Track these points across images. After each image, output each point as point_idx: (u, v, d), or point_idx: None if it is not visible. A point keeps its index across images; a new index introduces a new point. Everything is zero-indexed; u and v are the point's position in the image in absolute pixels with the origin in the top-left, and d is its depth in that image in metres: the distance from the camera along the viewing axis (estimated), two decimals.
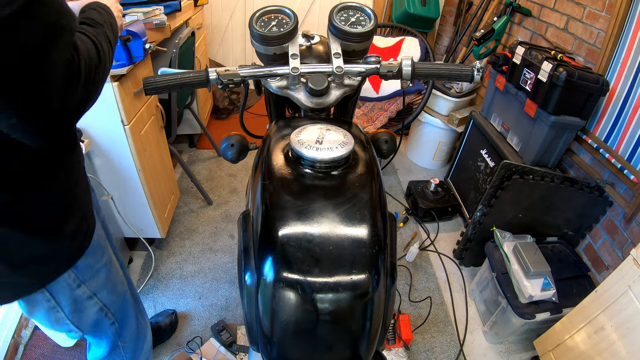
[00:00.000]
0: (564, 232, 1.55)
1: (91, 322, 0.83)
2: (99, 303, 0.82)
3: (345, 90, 0.81)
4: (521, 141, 1.67)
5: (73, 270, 0.72)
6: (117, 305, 0.89)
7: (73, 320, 0.78)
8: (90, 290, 0.78)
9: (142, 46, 1.25)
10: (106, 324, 0.87)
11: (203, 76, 0.75)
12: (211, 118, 2.92)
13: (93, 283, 0.78)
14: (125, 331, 0.96)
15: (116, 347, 0.96)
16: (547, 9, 1.83)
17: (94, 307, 0.81)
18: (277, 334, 0.56)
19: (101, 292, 0.81)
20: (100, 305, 0.83)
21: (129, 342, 0.98)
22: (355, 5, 0.84)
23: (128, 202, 1.51)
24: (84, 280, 0.75)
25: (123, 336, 0.96)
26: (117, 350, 0.97)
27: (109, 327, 0.89)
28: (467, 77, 0.79)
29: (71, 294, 0.74)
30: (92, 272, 0.77)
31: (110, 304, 0.86)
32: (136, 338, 1.01)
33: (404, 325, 1.41)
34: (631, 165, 1.31)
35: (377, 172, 0.66)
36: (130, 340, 0.99)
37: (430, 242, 1.94)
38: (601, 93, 1.39)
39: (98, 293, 0.80)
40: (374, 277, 0.54)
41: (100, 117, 1.26)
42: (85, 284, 0.76)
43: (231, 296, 1.59)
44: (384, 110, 2.23)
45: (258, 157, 0.73)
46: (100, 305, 0.83)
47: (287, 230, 0.55)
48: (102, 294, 0.82)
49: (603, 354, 1.02)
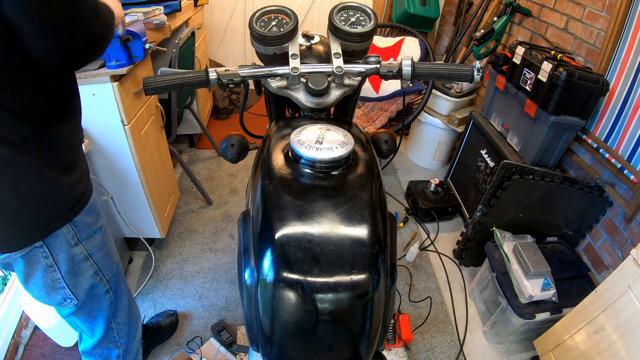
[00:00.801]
0: (564, 232, 1.55)
1: (87, 286, 0.84)
2: (94, 266, 0.84)
3: (345, 90, 0.81)
4: (521, 141, 1.67)
5: (71, 226, 0.75)
6: (112, 273, 0.90)
7: (69, 283, 0.80)
8: (86, 251, 0.80)
9: (142, 46, 1.26)
10: (101, 290, 0.88)
11: (203, 76, 0.75)
12: (211, 118, 2.92)
13: (89, 243, 0.81)
14: (119, 310, 0.96)
15: (110, 330, 0.95)
16: (547, 9, 1.83)
17: (89, 270, 0.83)
18: (277, 334, 0.56)
19: (96, 255, 0.83)
20: (96, 269, 0.84)
21: (122, 324, 0.98)
22: (355, 5, 0.84)
23: (128, 202, 1.51)
24: (81, 239, 0.78)
25: (117, 316, 0.96)
26: (112, 334, 0.97)
27: (104, 295, 0.89)
28: (467, 77, 0.79)
29: (68, 251, 0.76)
30: (89, 233, 0.80)
31: (105, 268, 0.87)
32: (129, 321, 1.01)
33: (404, 325, 1.41)
34: (631, 165, 1.31)
35: (377, 172, 0.66)
36: (123, 322, 0.99)
37: (430, 242, 1.94)
38: (601, 93, 1.39)
39: (93, 255, 0.82)
40: (374, 277, 0.54)
41: (100, 117, 1.26)
42: (82, 243, 0.79)
43: (231, 296, 1.59)
44: (384, 110, 2.23)
45: (258, 157, 0.73)
46: (96, 268, 0.84)
47: (287, 230, 0.55)
48: (97, 256, 0.83)
49: (603, 354, 1.02)
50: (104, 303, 0.91)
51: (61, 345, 1.35)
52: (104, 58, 1.19)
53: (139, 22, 1.33)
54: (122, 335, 1.00)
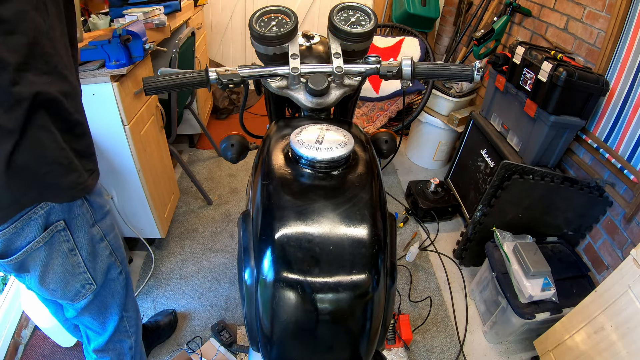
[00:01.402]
0: (564, 232, 1.55)
1: (104, 268, 0.86)
2: (109, 247, 0.86)
3: (345, 90, 0.81)
4: (521, 141, 1.67)
5: (89, 206, 0.77)
6: (122, 254, 0.93)
7: (89, 267, 0.82)
8: (102, 232, 0.83)
9: (142, 46, 1.26)
10: (115, 272, 0.90)
11: (203, 76, 0.75)
12: (211, 118, 2.92)
13: (103, 224, 0.84)
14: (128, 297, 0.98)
15: (122, 320, 0.97)
16: (547, 9, 1.83)
17: (105, 251, 0.85)
18: (277, 334, 0.56)
19: (110, 235, 0.86)
20: (110, 250, 0.87)
21: (131, 310, 1.00)
22: (355, 5, 0.84)
23: (128, 202, 1.51)
24: (97, 220, 0.81)
25: (126, 303, 0.97)
26: (123, 324, 0.98)
27: (118, 276, 0.91)
28: (467, 77, 0.79)
29: (88, 231, 0.79)
30: (102, 214, 0.83)
31: (117, 249, 0.90)
32: (135, 309, 1.03)
33: (404, 325, 1.41)
34: (631, 165, 1.31)
35: (377, 172, 0.66)
36: (132, 309, 1.00)
37: (430, 242, 1.94)
38: (601, 93, 1.39)
39: (107, 235, 0.85)
40: (374, 277, 0.54)
41: (100, 117, 1.26)
42: (98, 223, 0.82)
43: (231, 296, 1.59)
44: (384, 110, 2.23)
45: (258, 157, 0.73)
46: (110, 249, 0.87)
47: (287, 230, 0.55)
48: (110, 236, 0.86)
49: (603, 354, 1.02)
50: (118, 285, 0.92)
51: (61, 345, 1.35)
52: (104, 58, 1.19)
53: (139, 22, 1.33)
54: (132, 324, 1.01)
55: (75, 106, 0.70)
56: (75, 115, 0.69)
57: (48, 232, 0.71)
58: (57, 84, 0.64)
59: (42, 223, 0.70)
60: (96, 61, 1.21)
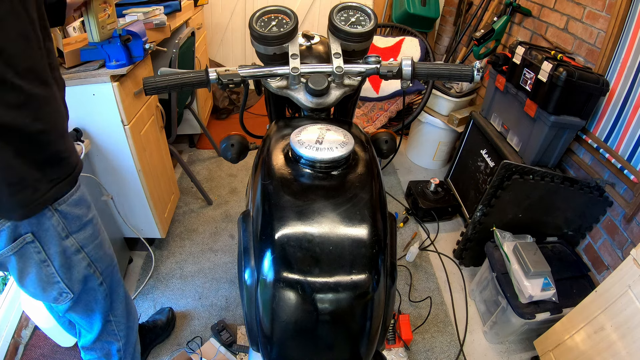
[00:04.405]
0: (564, 232, 1.55)
1: (81, 279, 0.84)
2: (87, 258, 0.83)
3: (345, 90, 0.81)
4: (521, 141, 1.67)
5: (61, 218, 0.74)
6: (105, 265, 0.90)
7: (63, 277, 0.79)
8: (78, 243, 0.80)
9: (142, 46, 1.26)
10: (95, 282, 0.87)
11: (203, 76, 0.75)
12: (211, 118, 2.92)
13: (80, 235, 0.80)
14: (116, 303, 0.96)
15: (109, 322, 0.96)
16: (547, 9, 1.83)
17: (82, 262, 0.83)
18: (277, 334, 0.56)
19: (88, 247, 0.83)
20: (88, 261, 0.84)
21: (120, 316, 0.99)
22: (355, 5, 0.84)
23: (128, 202, 1.51)
24: (71, 231, 0.78)
25: (114, 309, 0.96)
26: (110, 327, 0.97)
27: (98, 287, 0.89)
28: (467, 77, 0.79)
29: (60, 244, 0.76)
30: (80, 225, 0.80)
31: (98, 260, 0.87)
32: (127, 314, 1.02)
33: (404, 325, 1.41)
34: (631, 165, 1.31)
35: (377, 172, 0.66)
36: (121, 314, 0.99)
37: (430, 242, 1.94)
38: (601, 93, 1.39)
39: (85, 247, 0.82)
40: (374, 277, 0.54)
41: (100, 117, 1.26)
42: (73, 235, 0.79)
43: (231, 296, 1.59)
44: (384, 110, 2.23)
45: (258, 157, 0.73)
46: (88, 260, 0.84)
47: (287, 230, 0.55)
48: (89, 248, 0.83)
49: (603, 354, 1.02)
50: (99, 295, 0.91)
51: (61, 345, 1.35)
52: (104, 58, 1.19)
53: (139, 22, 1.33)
54: (121, 328, 1.00)
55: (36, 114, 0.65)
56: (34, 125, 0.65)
57: (17, 243, 0.70)
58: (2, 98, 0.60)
59: (11, 234, 0.69)
60: (96, 61, 1.21)
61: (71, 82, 1.16)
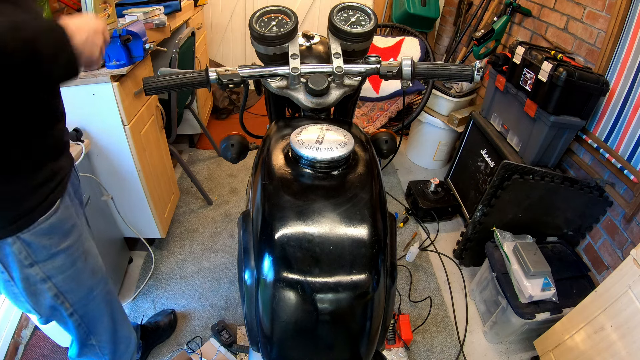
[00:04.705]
0: (564, 232, 1.55)
1: (48, 306, 0.80)
2: (54, 288, 0.78)
3: (345, 90, 0.81)
4: (521, 141, 1.67)
5: (23, 246, 0.70)
6: (78, 297, 0.84)
7: (29, 301, 0.77)
8: (44, 273, 0.75)
9: (142, 46, 1.26)
10: (63, 313, 0.83)
11: (203, 76, 0.75)
12: (211, 118, 2.92)
13: (48, 266, 0.75)
14: (99, 329, 0.92)
15: (90, 345, 0.92)
16: (547, 9, 1.83)
17: (49, 292, 0.78)
18: (277, 334, 0.56)
19: (57, 277, 0.78)
20: (56, 292, 0.79)
21: (105, 341, 0.95)
22: (355, 5, 0.84)
23: (128, 202, 1.51)
24: (37, 260, 0.73)
25: (98, 334, 0.92)
26: (93, 350, 0.94)
27: (68, 318, 0.84)
28: (467, 77, 0.79)
29: (22, 271, 0.72)
30: (48, 255, 0.74)
31: (68, 292, 0.81)
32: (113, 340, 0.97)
33: (404, 325, 1.41)
34: (631, 165, 1.31)
35: (377, 172, 0.66)
36: (106, 340, 0.95)
37: (430, 242, 1.94)
38: (601, 93, 1.39)
39: (53, 277, 0.77)
40: (374, 277, 0.54)
41: (100, 117, 1.26)
42: (39, 264, 0.73)
43: (231, 296, 1.59)
44: (384, 110, 2.23)
45: (258, 157, 0.73)
46: (56, 291, 0.79)
47: (287, 230, 0.55)
48: (57, 279, 0.78)
49: (603, 354, 1.02)
50: (70, 325, 0.86)
51: (61, 345, 1.34)
52: (104, 58, 1.19)
53: (139, 22, 1.33)
54: (106, 352, 0.96)
55: None
56: None
57: None
58: None
59: None
60: None
61: (71, 82, 1.16)
